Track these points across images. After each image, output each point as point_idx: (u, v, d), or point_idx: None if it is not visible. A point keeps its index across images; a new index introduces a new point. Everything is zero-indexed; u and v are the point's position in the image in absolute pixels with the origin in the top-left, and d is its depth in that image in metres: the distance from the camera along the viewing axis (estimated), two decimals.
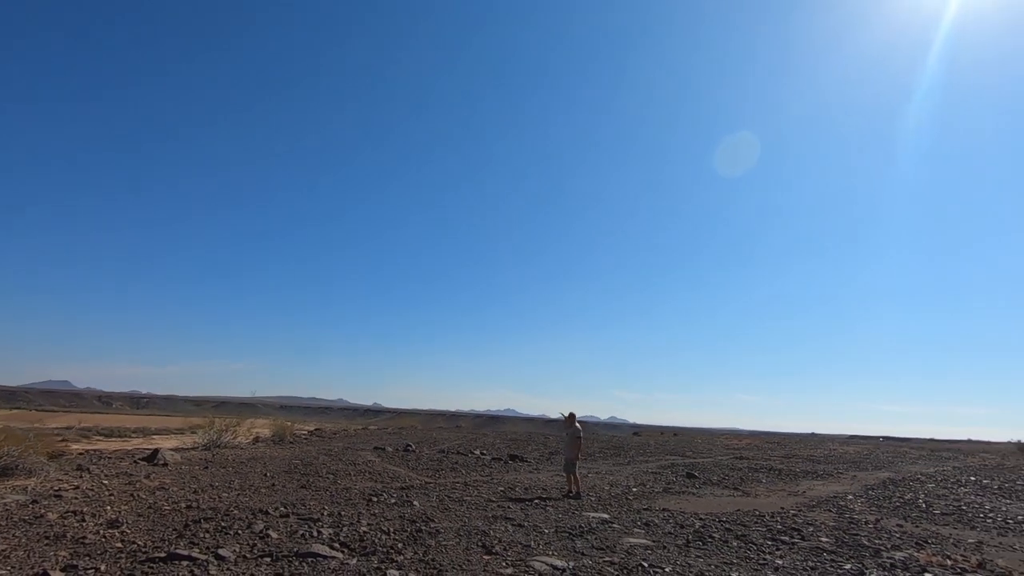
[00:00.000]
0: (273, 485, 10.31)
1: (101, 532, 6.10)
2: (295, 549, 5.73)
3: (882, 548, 7.97)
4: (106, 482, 9.55)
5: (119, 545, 5.61)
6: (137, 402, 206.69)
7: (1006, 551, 8.55)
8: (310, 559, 5.41)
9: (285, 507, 8.10)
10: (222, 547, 5.65)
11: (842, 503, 13.02)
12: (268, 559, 5.39)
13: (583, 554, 6.45)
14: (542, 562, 5.84)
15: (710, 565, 6.36)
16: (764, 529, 8.92)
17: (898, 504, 13.24)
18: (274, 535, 6.30)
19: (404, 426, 32.97)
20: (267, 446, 18.79)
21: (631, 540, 7.42)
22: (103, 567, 4.88)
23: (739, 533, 8.40)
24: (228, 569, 5.03)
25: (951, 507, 12.99)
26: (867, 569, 6.51)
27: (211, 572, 4.88)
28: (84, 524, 6.43)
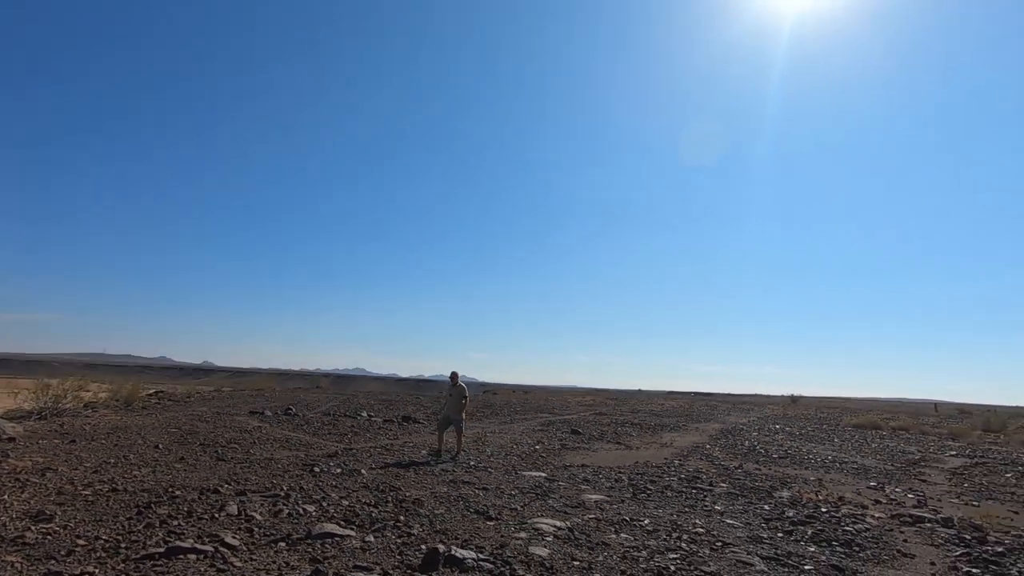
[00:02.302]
0: (182, 458, 9.14)
1: (34, 528, 5.01)
2: (304, 530, 5.33)
3: (768, 489, 9.71)
4: None
5: (82, 543, 4.68)
6: None
7: (840, 486, 10.93)
8: (328, 539, 5.10)
9: (228, 483, 7.32)
10: (214, 534, 5.03)
11: (705, 452, 15.33)
12: (283, 543, 4.96)
13: (567, 513, 6.94)
14: (545, 523, 6.20)
15: (671, 513, 7.27)
16: (675, 479, 10.26)
17: (744, 451, 15.95)
18: (258, 516, 5.75)
19: (262, 387, 30.46)
20: (117, 413, 16.25)
21: (590, 496, 8.11)
22: (93, 569, 4.10)
23: (663, 484, 9.59)
24: (251, 559, 4.55)
25: (781, 451, 16.03)
26: (783, 508, 7.96)
27: (234, 564, 4.38)
28: (3, 525, 5.20)
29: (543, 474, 9.97)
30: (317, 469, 8.74)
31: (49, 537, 4.84)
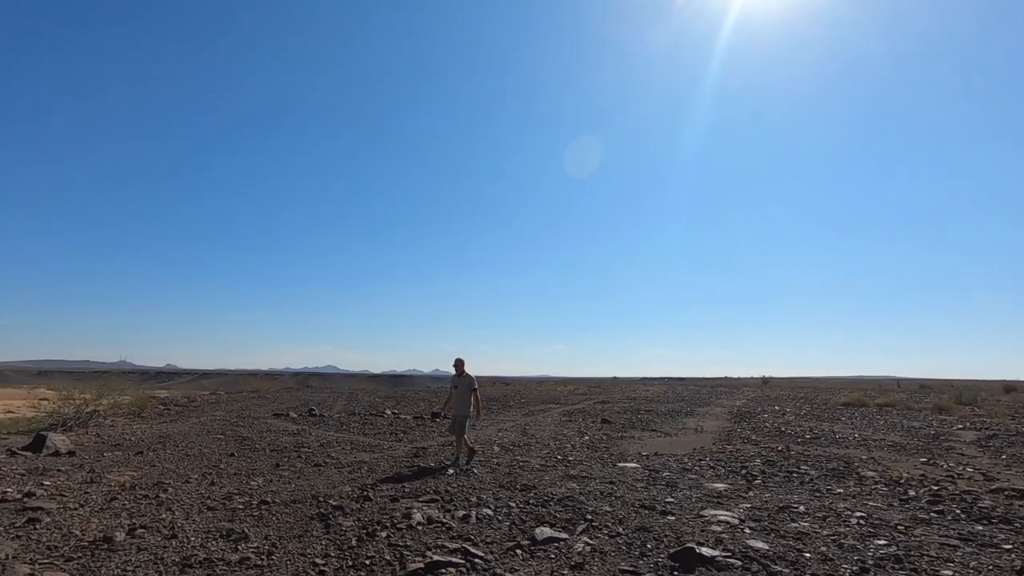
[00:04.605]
0: (277, 465, 8.69)
1: (243, 548, 4.64)
2: (526, 535, 5.17)
3: (846, 471, 10.06)
4: (61, 483, 7.03)
5: (320, 562, 4.38)
6: None
7: (895, 463, 11.44)
8: (556, 543, 4.98)
9: (367, 489, 7.02)
10: (441, 545, 4.82)
11: (742, 435, 15.72)
12: (518, 550, 4.79)
13: (720, 503, 7.01)
14: (722, 515, 6.24)
15: (808, 498, 7.46)
16: (760, 464, 10.51)
17: (774, 433, 16.43)
18: (453, 524, 5.53)
19: (257, 388, 29.22)
20: (136, 421, 15.30)
21: (713, 485, 8.22)
22: None
23: (756, 470, 9.81)
24: (513, 568, 4.37)
25: (808, 432, 16.60)
26: (901, 488, 8.28)
27: (496, 572, 4.20)
28: (204, 546, 4.80)
29: (636, 465, 10.02)
30: (427, 465, 8.51)
31: (273, 558, 4.51)
